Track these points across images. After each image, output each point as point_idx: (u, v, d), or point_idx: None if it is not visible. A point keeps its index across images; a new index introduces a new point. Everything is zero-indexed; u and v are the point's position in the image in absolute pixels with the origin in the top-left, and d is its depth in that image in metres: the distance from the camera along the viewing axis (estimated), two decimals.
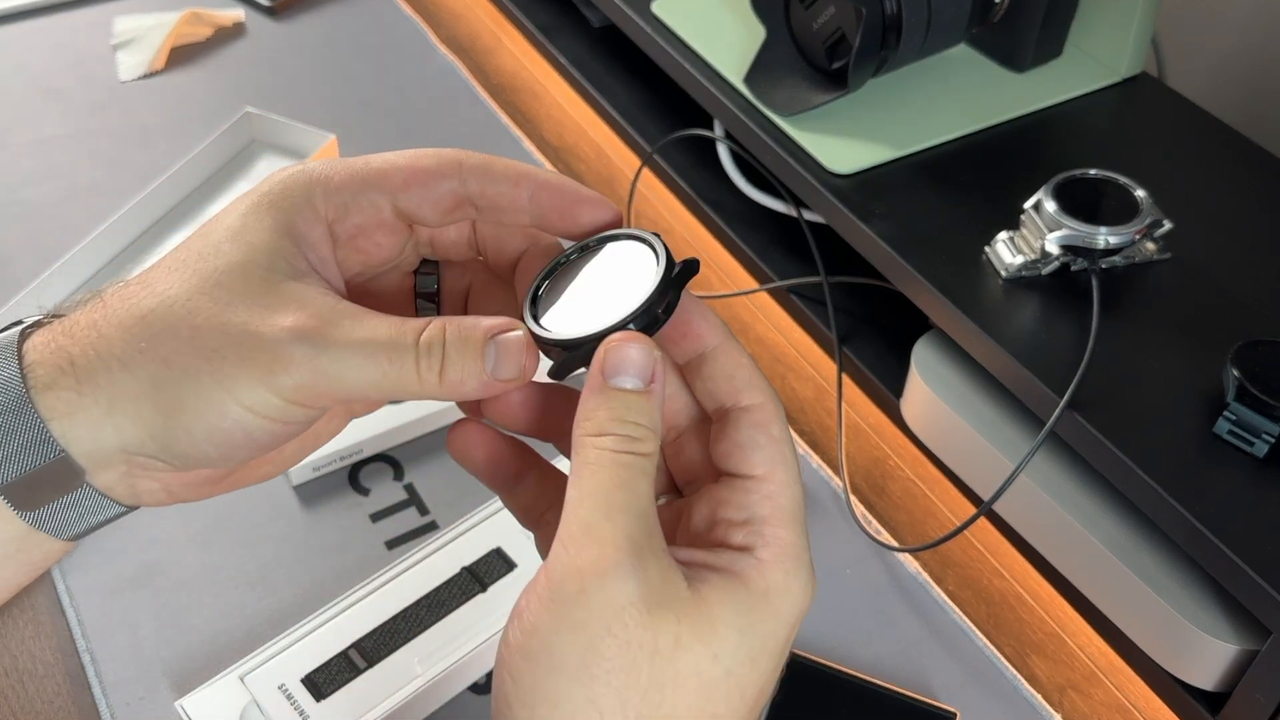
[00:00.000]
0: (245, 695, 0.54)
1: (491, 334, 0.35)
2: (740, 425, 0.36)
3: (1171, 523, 0.53)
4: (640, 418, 0.33)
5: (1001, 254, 0.62)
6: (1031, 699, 0.58)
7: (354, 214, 0.37)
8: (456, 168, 0.37)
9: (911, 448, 0.68)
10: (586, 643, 0.30)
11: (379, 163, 0.37)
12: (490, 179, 0.37)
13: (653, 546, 0.32)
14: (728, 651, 0.32)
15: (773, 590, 0.33)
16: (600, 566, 0.31)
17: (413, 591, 0.58)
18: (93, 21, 0.96)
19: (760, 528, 0.34)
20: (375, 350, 0.34)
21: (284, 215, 0.35)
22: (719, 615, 0.32)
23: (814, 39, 0.70)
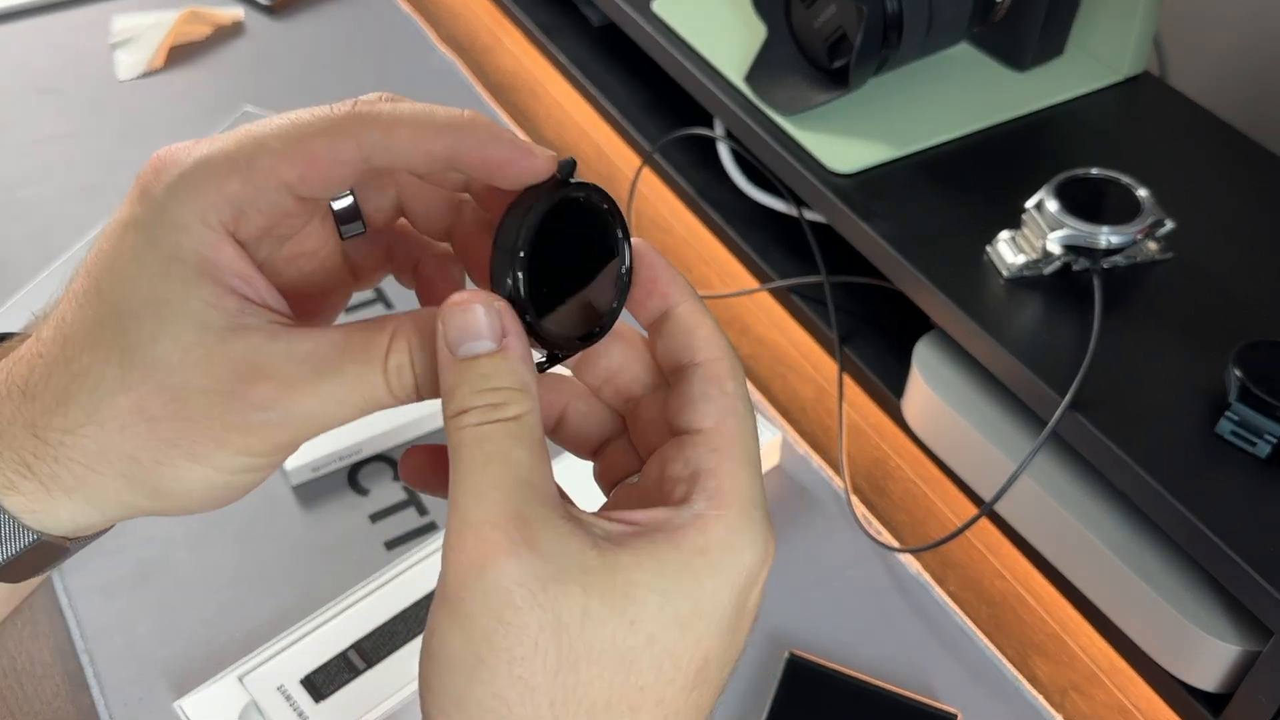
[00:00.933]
0: (244, 696, 0.54)
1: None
2: (693, 380, 0.34)
3: (1173, 523, 0.53)
4: (500, 381, 0.31)
5: (1003, 254, 0.62)
6: (1033, 700, 0.58)
7: (254, 217, 0.33)
8: (354, 144, 0.32)
9: (912, 448, 0.68)
10: (480, 637, 0.29)
11: (267, 158, 0.32)
12: (394, 151, 0.33)
13: (543, 516, 0.29)
14: (648, 617, 0.29)
15: (711, 546, 0.30)
16: (479, 554, 0.29)
17: (412, 592, 0.58)
18: (91, 20, 0.96)
19: (705, 481, 0.32)
20: (347, 393, 0.32)
21: (188, 253, 0.31)
22: (635, 579, 0.29)
23: (815, 38, 0.70)
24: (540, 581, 0.28)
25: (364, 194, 0.37)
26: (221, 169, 0.32)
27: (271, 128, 0.33)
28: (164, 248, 0.32)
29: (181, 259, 0.32)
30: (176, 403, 0.31)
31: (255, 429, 0.31)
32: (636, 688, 0.30)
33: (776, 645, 0.58)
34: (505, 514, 0.29)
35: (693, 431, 0.33)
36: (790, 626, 0.59)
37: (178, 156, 0.33)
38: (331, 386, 0.31)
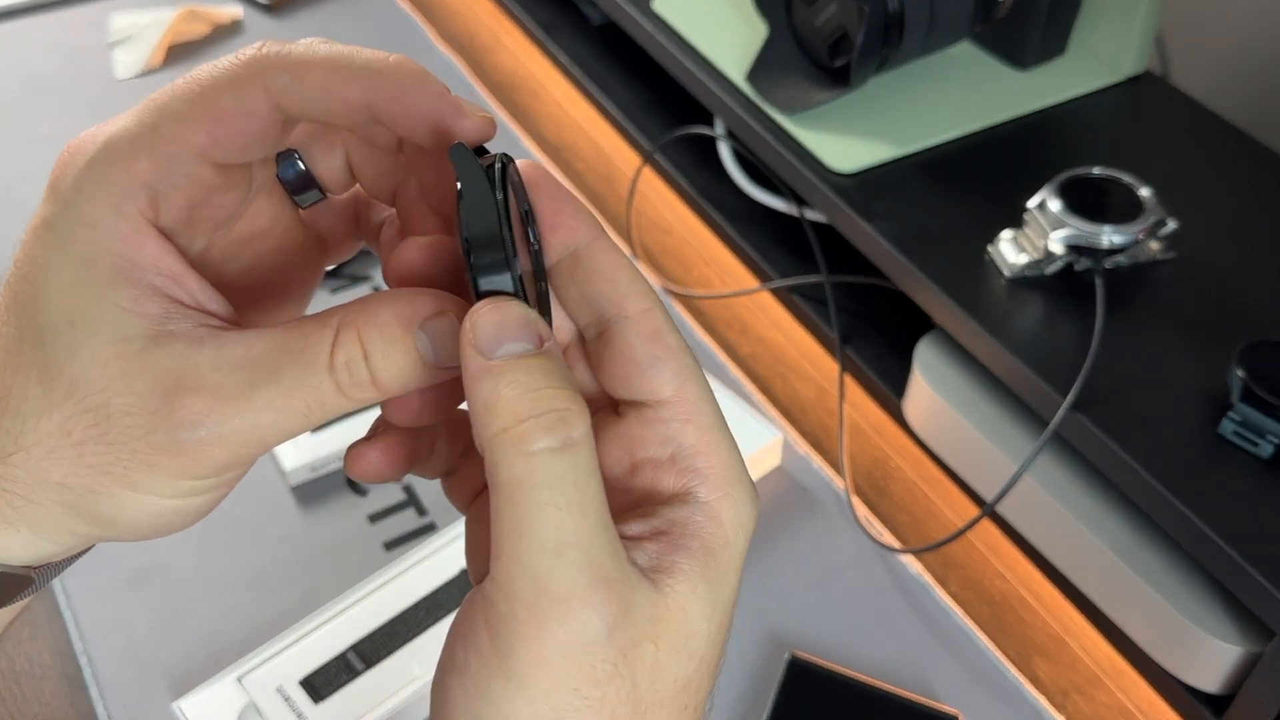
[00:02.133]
0: (243, 697, 0.54)
1: (415, 325, 0.29)
2: (632, 341, 0.29)
3: (1175, 524, 0.53)
4: (556, 381, 0.27)
5: (1005, 253, 0.62)
6: (1034, 701, 0.58)
7: (173, 197, 0.30)
8: (263, 92, 0.29)
9: (913, 448, 0.68)
10: (551, 711, 0.26)
11: (171, 127, 0.30)
12: (305, 95, 0.29)
13: (620, 570, 0.26)
14: (702, 643, 0.28)
15: (730, 535, 0.29)
16: (562, 627, 0.25)
17: (411, 593, 0.58)
18: (89, 19, 0.96)
19: (691, 461, 0.29)
20: (287, 399, 0.28)
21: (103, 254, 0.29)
22: (692, 610, 0.28)
23: (816, 36, 0.69)
24: (622, 651, 0.26)
25: (312, 156, 0.33)
26: (126, 148, 0.29)
27: (173, 91, 0.30)
28: (76, 248, 0.29)
29: (95, 260, 0.29)
30: (100, 425, 0.28)
31: (187, 449, 0.28)
32: (684, 706, 0.28)
33: (777, 646, 0.58)
34: (593, 579, 0.26)
35: (653, 403, 0.29)
36: (791, 627, 0.59)
37: (84, 144, 0.30)
38: (268, 394, 0.28)
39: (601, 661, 0.26)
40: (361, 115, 0.30)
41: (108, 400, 0.28)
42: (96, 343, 0.28)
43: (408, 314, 0.29)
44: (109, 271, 0.29)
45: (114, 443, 0.28)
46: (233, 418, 0.28)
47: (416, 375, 0.29)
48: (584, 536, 0.26)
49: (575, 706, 0.26)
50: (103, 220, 0.29)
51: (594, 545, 0.26)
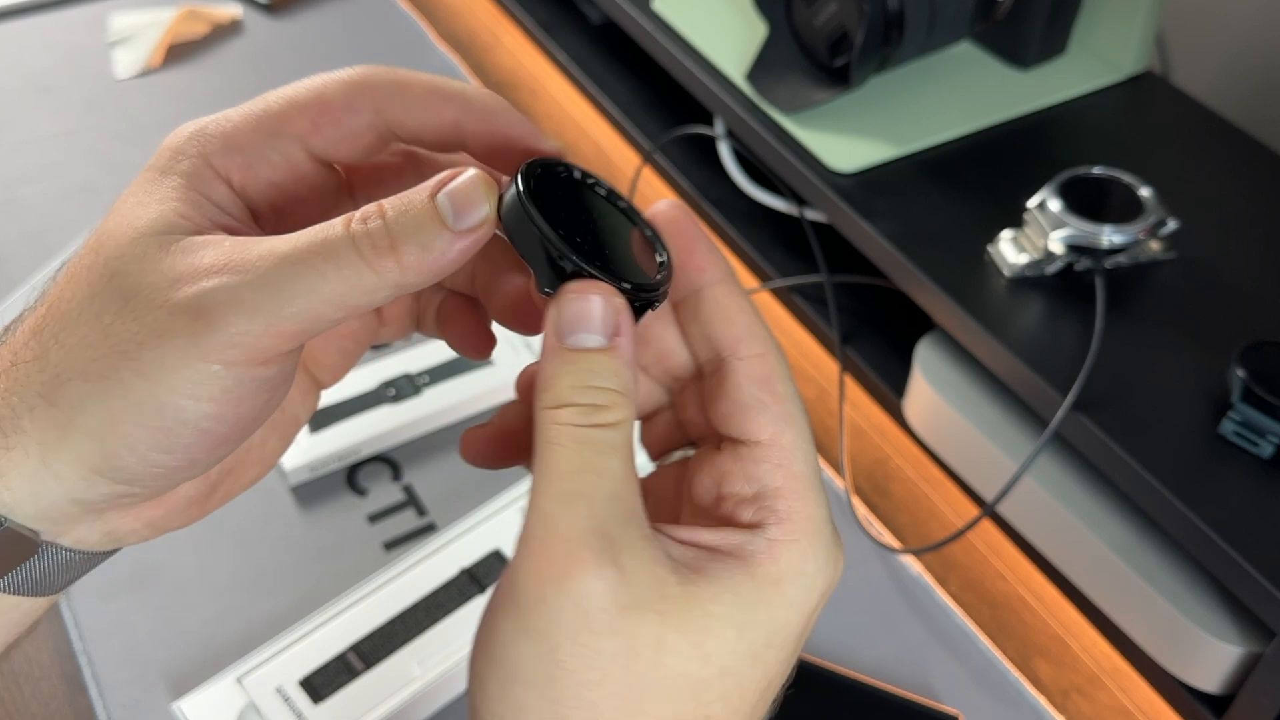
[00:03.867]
0: (243, 697, 0.54)
1: (439, 188, 0.29)
2: (740, 382, 0.31)
3: (1176, 524, 0.53)
4: (606, 380, 0.29)
5: (1005, 253, 0.62)
6: (1035, 702, 0.58)
7: (264, 170, 0.32)
8: (370, 94, 0.31)
9: (914, 448, 0.68)
10: (549, 654, 0.27)
11: (279, 105, 0.32)
12: (407, 105, 0.31)
13: (628, 536, 0.28)
14: (724, 651, 0.28)
15: (785, 575, 0.29)
16: (562, 569, 0.27)
17: (411, 593, 0.58)
18: (89, 19, 0.96)
19: (772, 502, 0.30)
20: (306, 256, 0.28)
21: (177, 183, 0.31)
22: (713, 612, 0.28)
23: (816, 35, 0.69)
24: (620, 607, 0.27)
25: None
26: (234, 117, 0.32)
27: (290, 86, 0.33)
28: (157, 177, 0.31)
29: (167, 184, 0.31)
30: (129, 302, 0.29)
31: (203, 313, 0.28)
32: (704, 716, 0.29)
33: None
34: (593, 529, 0.27)
35: (749, 443, 0.31)
36: None
37: (199, 119, 0.33)
38: (285, 248, 0.28)
39: (597, 610, 0.27)
40: (451, 133, 0.32)
41: (140, 281, 0.29)
42: (138, 234, 0.30)
43: (431, 182, 0.29)
44: (177, 197, 0.31)
45: (137, 317, 0.28)
46: (249, 276, 0.28)
47: (439, 243, 0.29)
48: (593, 493, 0.28)
49: (569, 650, 0.27)
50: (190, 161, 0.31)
51: (602, 504, 0.28)
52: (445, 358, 0.69)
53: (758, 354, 0.31)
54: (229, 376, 0.28)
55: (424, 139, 0.32)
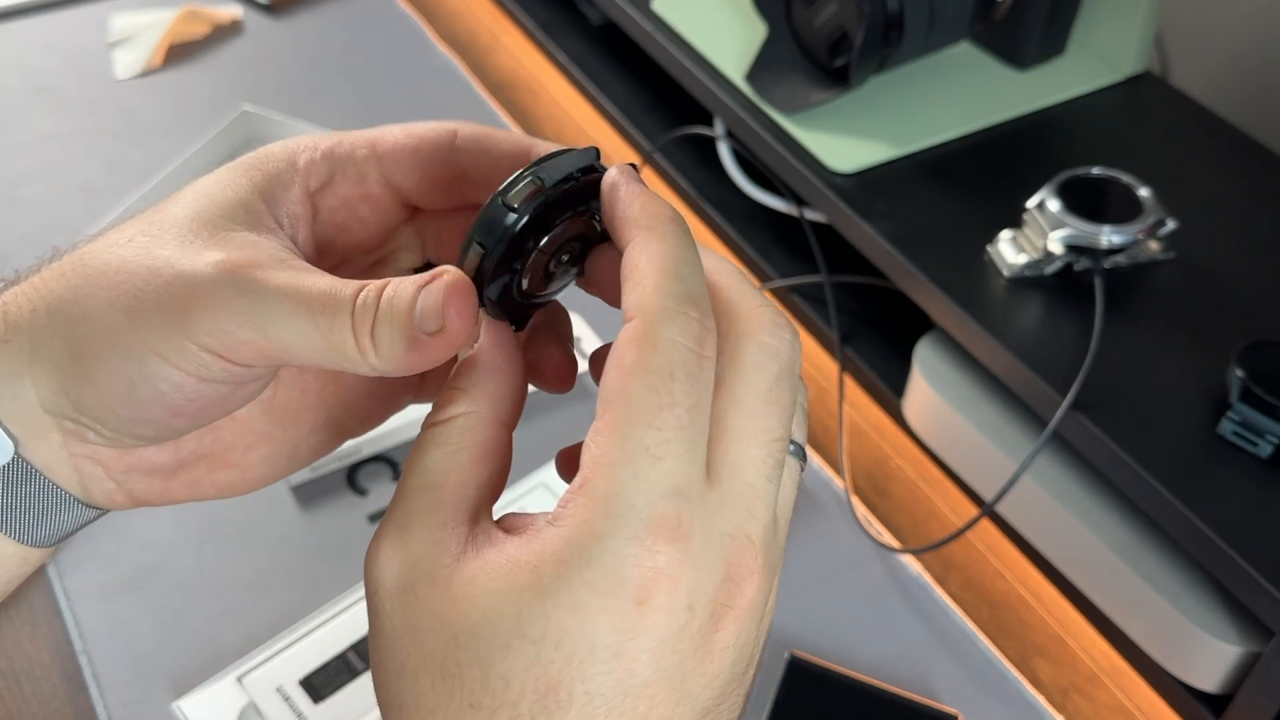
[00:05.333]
0: (243, 697, 0.54)
1: (421, 286, 0.30)
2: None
3: (1175, 524, 0.53)
4: (454, 382, 0.31)
5: (1004, 253, 0.62)
6: (1034, 701, 0.58)
7: (339, 183, 0.34)
8: (450, 138, 0.33)
9: (913, 448, 0.68)
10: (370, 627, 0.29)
11: (371, 133, 0.34)
12: (487, 153, 0.33)
13: (424, 521, 0.28)
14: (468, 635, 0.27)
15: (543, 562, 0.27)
16: (368, 556, 0.29)
17: None
18: (89, 19, 0.96)
19: (576, 481, 0.28)
20: (309, 303, 0.29)
21: (260, 175, 0.33)
22: (462, 593, 0.27)
23: (816, 36, 0.69)
24: (390, 591, 0.28)
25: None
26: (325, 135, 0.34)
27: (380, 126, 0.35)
28: (244, 163, 0.33)
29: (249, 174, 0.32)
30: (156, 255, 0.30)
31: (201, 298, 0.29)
32: (468, 705, 0.27)
33: (777, 646, 0.58)
34: (391, 521, 0.29)
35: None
36: (791, 627, 0.59)
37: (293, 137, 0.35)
38: (299, 288, 0.29)
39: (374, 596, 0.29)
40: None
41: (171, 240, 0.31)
42: (204, 206, 0.31)
43: (423, 276, 0.30)
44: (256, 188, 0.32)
45: (152, 268, 0.30)
46: (253, 290, 0.29)
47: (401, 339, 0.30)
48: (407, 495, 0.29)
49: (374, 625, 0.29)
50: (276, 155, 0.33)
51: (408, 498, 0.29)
52: None
53: (628, 318, 0.28)
54: (200, 355, 0.30)
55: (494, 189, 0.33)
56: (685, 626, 0.27)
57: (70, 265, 0.31)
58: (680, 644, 0.27)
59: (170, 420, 0.31)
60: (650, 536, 0.26)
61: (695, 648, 0.27)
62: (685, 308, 0.28)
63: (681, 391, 0.27)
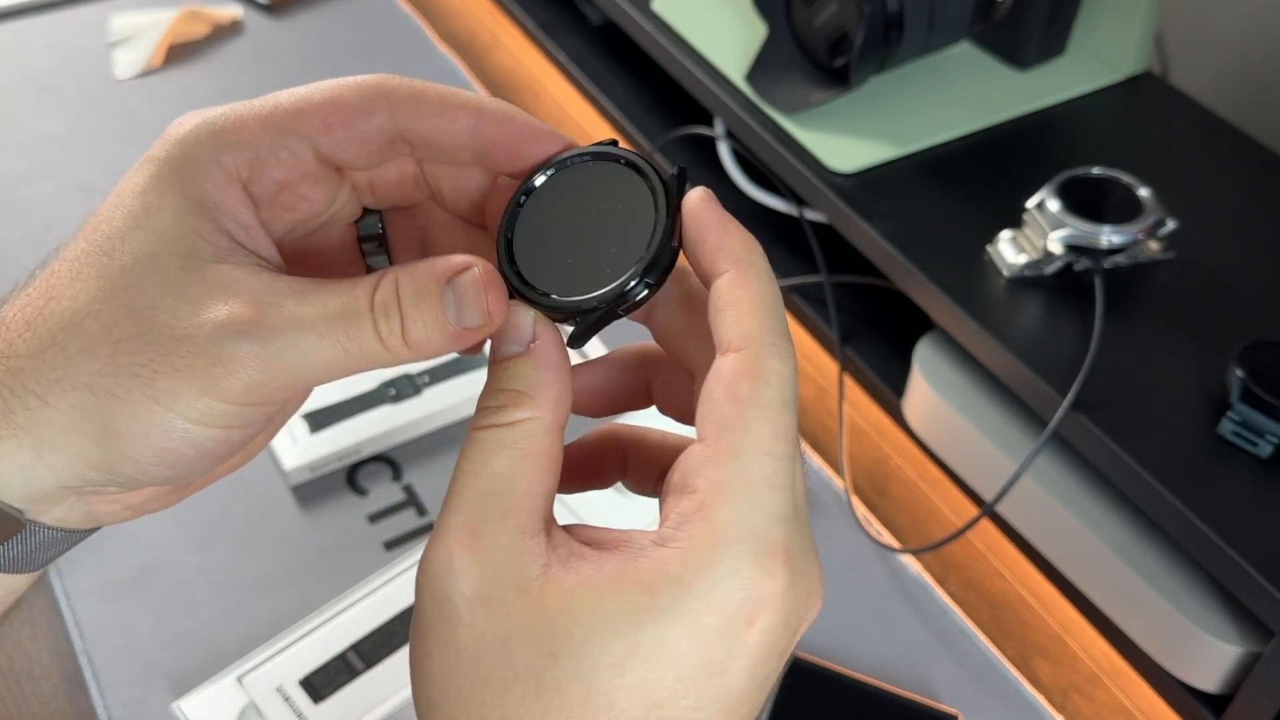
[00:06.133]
0: (243, 697, 0.54)
1: (446, 277, 0.30)
2: (710, 377, 0.29)
3: (1175, 524, 0.53)
4: (513, 382, 0.30)
5: (1004, 253, 0.62)
6: (1034, 701, 0.58)
7: (271, 168, 0.32)
8: (384, 100, 0.32)
9: (913, 448, 0.68)
10: (420, 643, 0.29)
11: (291, 102, 0.32)
12: (422, 112, 0.32)
13: (497, 530, 0.28)
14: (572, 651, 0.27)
15: (661, 583, 0.27)
16: (430, 562, 0.28)
17: (411, 593, 0.58)
18: (89, 19, 0.96)
19: (684, 503, 0.28)
20: (329, 326, 0.29)
21: (190, 186, 0.30)
22: (561, 608, 0.27)
23: (816, 36, 0.69)
24: (468, 600, 0.28)
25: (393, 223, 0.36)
26: (244, 112, 0.32)
27: (303, 86, 0.33)
28: (169, 178, 0.31)
29: (183, 190, 0.30)
30: (143, 325, 0.29)
31: (223, 358, 0.29)
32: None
33: None
34: (461, 526, 0.28)
35: (698, 439, 0.29)
36: None
37: (205, 109, 0.33)
38: (313, 315, 0.29)
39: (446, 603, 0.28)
40: (465, 140, 0.32)
41: (157, 303, 0.29)
42: (157, 248, 0.30)
43: (441, 268, 0.30)
44: (193, 202, 0.30)
45: (151, 343, 0.29)
46: (274, 336, 0.29)
47: (439, 334, 0.30)
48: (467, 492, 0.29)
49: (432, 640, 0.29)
50: (202, 161, 0.31)
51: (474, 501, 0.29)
52: (445, 358, 0.69)
53: (735, 350, 0.29)
54: (237, 410, 0.30)
55: (438, 145, 0.32)
56: (778, 643, 0.28)
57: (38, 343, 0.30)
58: (772, 660, 0.28)
59: (214, 465, 0.32)
60: (768, 560, 0.28)
61: (780, 661, 0.29)
62: (786, 343, 0.30)
63: (790, 423, 0.29)
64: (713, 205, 0.31)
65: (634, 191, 0.31)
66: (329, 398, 0.67)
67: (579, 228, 0.31)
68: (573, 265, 0.31)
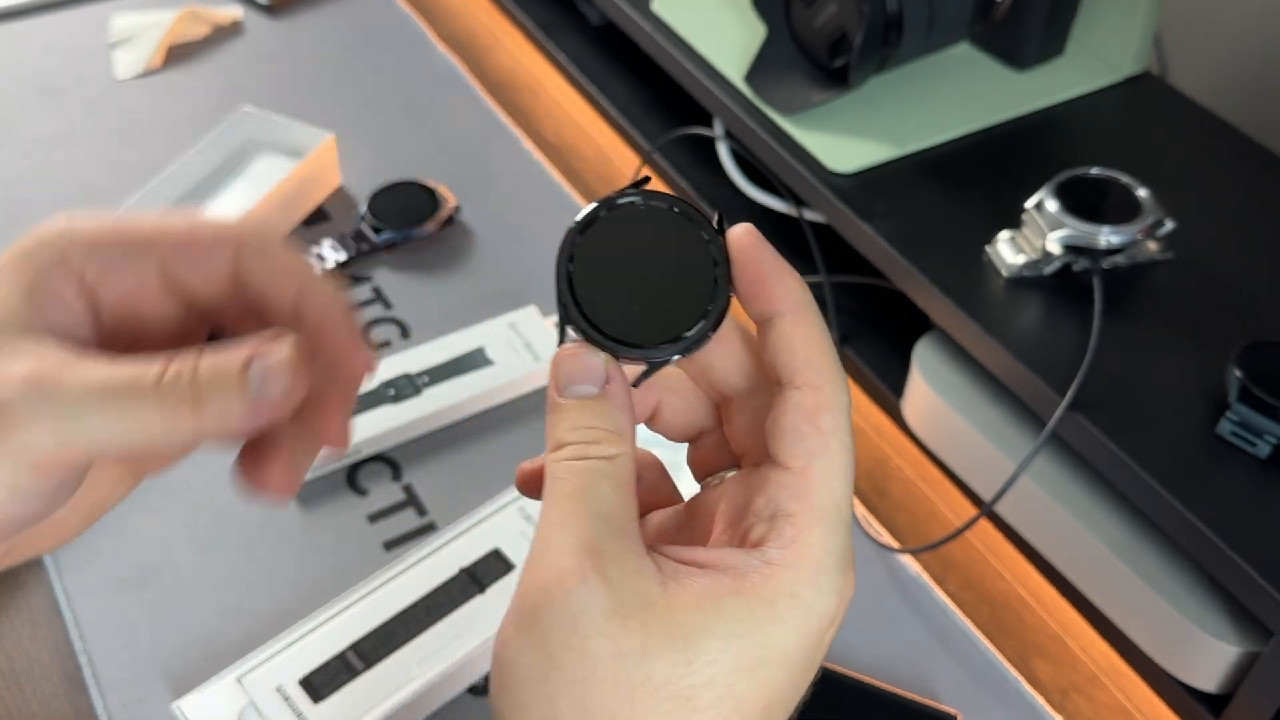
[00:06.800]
0: (243, 697, 0.54)
1: (253, 355, 0.31)
2: (787, 410, 0.32)
3: (1173, 524, 0.53)
4: (595, 421, 0.32)
5: (1003, 253, 0.62)
6: (1033, 701, 0.58)
7: (116, 278, 0.33)
8: (235, 246, 0.34)
9: (912, 448, 0.68)
10: (546, 654, 0.30)
11: (151, 225, 0.34)
12: (264, 271, 0.34)
13: (618, 549, 0.31)
14: (707, 659, 0.30)
15: (778, 597, 0.31)
16: (553, 579, 0.30)
17: (411, 593, 0.58)
18: (90, 20, 0.96)
19: (782, 526, 0.32)
20: (115, 394, 0.30)
21: (32, 273, 0.32)
22: (694, 621, 0.30)
23: (815, 36, 0.69)
24: (604, 612, 0.30)
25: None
26: (107, 223, 0.33)
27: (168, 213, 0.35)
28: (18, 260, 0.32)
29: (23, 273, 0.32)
30: None
31: (9, 416, 0.29)
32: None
33: None
34: (580, 544, 0.30)
35: (781, 467, 0.32)
36: None
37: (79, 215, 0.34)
38: (101, 381, 0.30)
39: (583, 614, 0.30)
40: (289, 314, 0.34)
41: None
42: None
43: (250, 343, 0.31)
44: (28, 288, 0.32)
45: None
46: (60, 397, 0.30)
47: (237, 411, 0.31)
48: (582, 516, 0.31)
49: (562, 654, 0.30)
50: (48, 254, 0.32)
51: (591, 525, 0.31)
52: (445, 358, 0.70)
53: (813, 386, 0.32)
54: (26, 473, 0.30)
55: (264, 303, 0.34)
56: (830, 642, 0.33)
57: None
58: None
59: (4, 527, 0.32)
60: (848, 570, 0.32)
61: None
62: (845, 378, 0.33)
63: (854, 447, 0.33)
64: (765, 246, 0.33)
65: (684, 235, 0.33)
66: None
67: (636, 272, 0.33)
68: (636, 311, 0.33)
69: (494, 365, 0.69)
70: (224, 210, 0.79)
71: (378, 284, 0.76)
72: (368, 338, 0.35)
